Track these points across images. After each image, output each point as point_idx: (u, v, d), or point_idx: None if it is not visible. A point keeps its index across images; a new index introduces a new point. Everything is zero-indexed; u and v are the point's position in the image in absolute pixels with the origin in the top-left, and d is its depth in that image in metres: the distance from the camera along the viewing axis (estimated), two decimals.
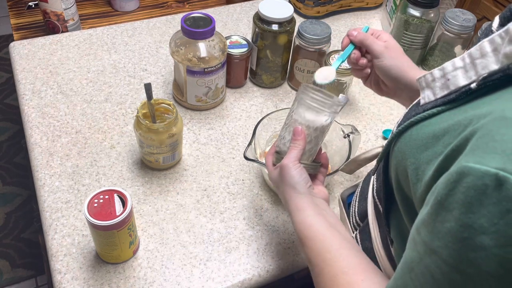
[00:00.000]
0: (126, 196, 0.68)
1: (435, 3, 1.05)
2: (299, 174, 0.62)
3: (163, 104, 0.83)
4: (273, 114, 0.86)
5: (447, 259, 0.35)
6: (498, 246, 0.32)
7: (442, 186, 0.36)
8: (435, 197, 0.37)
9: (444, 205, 0.36)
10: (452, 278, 0.35)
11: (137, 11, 1.36)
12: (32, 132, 0.91)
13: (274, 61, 1.01)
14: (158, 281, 0.72)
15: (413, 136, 0.47)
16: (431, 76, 0.49)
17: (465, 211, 0.33)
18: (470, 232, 0.33)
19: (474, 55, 0.44)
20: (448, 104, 0.45)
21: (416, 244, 0.39)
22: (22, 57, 1.07)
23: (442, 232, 0.35)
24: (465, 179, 0.34)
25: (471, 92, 0.42)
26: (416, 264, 0.39)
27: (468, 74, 0.44)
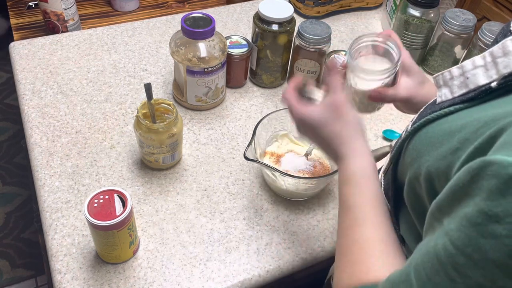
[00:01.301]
0: (126, 196, 0.68)
1: (435, 3, 1.05)
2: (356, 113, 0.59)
3: (163, 104, 0.83)
4: (273, 114, 0.86)
5: (456, 242, 0.35)
6: (509, 237, 0.32)
7: (465, 173, 0.36)
8: (457, 184, 0.37)
9: (465, 191, 0.35)
10: (456, 260, 0.35)
11: (137, 11, 1.36)
12: (32, 132, 0.91)
13: (274, 61, 1.01)
14: (158, 281, 0.72)
15: (428, 134, 0.46)
16: (449, 74, 0.48)
17: (484, 198, 0.33)
18: (484, 218, 0.33)
19: (496, 54, 0.43)
20: (467, 102, 0.44)
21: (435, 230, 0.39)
22: (22, 57, 1.07)
23: (459, 216, 0.35)
24: (489, 167, 0.34)
25: (491, 91, 0.42)
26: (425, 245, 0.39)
27: (489, 73, 0.43)
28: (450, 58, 1.10)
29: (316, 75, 1.03)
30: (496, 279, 0.33)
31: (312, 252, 0.78)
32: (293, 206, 0.84)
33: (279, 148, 0.90)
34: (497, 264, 0.32)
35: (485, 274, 0.33)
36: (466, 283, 0.34)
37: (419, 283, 0.38)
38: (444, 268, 0.36)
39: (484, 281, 0.33)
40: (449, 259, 0.35)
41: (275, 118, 0.87)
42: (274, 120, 0.87)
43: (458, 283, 0.35)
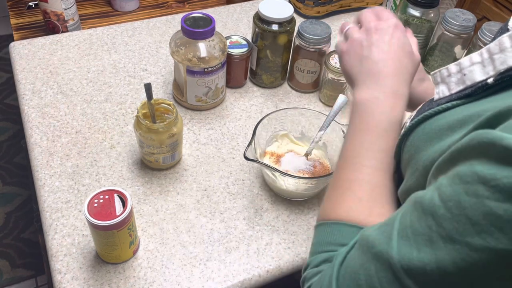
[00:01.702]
0: (126, 196, 0.68)
1: (435, 3, 1.05)
2: None
3: (163, 104, 0.83)
4: (273, 114, 0.86)
5: (442, 195, 0.37)
6: (490, 199, 0.33)
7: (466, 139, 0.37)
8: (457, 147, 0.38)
9: (463, 153, 0.37)
10: (436, 210, 0.37)
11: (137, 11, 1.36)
12: (32, 132, 0.91)
13: (274, 61, 1.01)
14: (158, 281, 0.72)
15: (426, 129, 0.47)
16: (447, 72, 0.48)
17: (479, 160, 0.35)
18: (473, 178, 0.35)
19: (493, 50, 0.43)
20: (464, 98, 0.45)
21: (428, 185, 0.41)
22: (22, 57, 1.07)
23: (453, 174, 0.37)
24: (486, 135, 0.35)
25: (487, 87, 0.42)
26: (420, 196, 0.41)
27: (486, 69, 0.44)
28: (450, 58, 1.10)
29: (316, 75, 1.03)
30: (466, 235, 0.35)
31: None
32: (293, 206, 0.84)
33: (279, 148, 0.90)
34: (472, 222, 0.34)
35: (457, 228, 0.35)
36: (439, 233, 0.36)
37: (401, 227, 0.40)
38: (425, 216, 0.38)
39: (455, 234, 0.35)
40: (431, 208, 0.38)
41: (275, 118, 0.87)
42: (274, 120, 0.87)
43: (433, 232, 0.37)
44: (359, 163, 0.53)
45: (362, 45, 0.57)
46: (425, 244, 0.37)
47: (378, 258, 0.41)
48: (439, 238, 0.36)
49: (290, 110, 0.88)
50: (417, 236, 0.38)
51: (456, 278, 0.36)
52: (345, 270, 0.44)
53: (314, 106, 1.03)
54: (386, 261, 0.40)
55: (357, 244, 0.45)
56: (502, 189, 0.33)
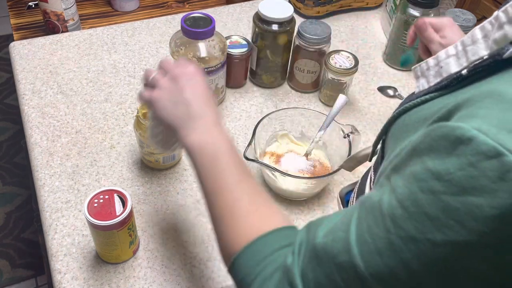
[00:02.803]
0: (126, 196, 0.68)
1: (435, 3, 1.05)
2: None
3: None
4: (273, 114, 0.86)
5: (399, 196, 0.37)
6: (446, 193, 0.34)
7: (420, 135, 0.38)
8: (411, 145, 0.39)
9: (416, 150, 0.38)
10: (394, 212, 0.37)
11: (137, 11, 1.36)
12: (32, 132, 0.91)
13: (274, 61, 1.01)
14: (158, 281, 0.72)
15: (405, 121, 0.48)
16: (426, 65, 0.50)
17: (432, 156, 0.35)
18: (427, 175, 0.35)
19: (466, 42, 0.45)
20: (440, 90, 0.46)
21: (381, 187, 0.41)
22: (22, 57, 1.07)
23: (407, 174, 0.38)
24: (439, 129, 0.36)
25: (462, 78, 0.43)
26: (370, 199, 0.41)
27: (460, 61, 0.45)
28: None
29: (316, 75, 1.03)
30: (426, 232, 0.35)
31: None
32: (293, 206, 0.84)
33: (279, 148, 0.90)
34: (430, 218, 0.35)
35: (416, 226, 0.35)
36: (399, 234, 0.36)
37: (358, 233, 0.39)
38: (383, 219, 0.38)
39: (415, 233, 0.35)
40: (389, 211, 0.38)
41: (275, 118, 0.87)
42: (274, 120, 0.87)
43: (392, 234, 0.37)
44: (224, 189, 0.53)
45: (172, 90, 0.59)
46: (386, 247, 0.37)
47: (343, 268, 0.40)
48: (399, 240, 0.36)
49: (290, 110, 0.88)
50: (377, 240, 0.38)
51: (423, 275, 0.36)
52: (308, 283, 0.42)
53: (314, 106, 1.03)
54: (353, 270, 0.39)
55: (310, 255, 0.43)
56: (457, 181, 0.33)
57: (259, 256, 0.48)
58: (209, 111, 0.58)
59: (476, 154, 0.33)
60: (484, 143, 0.32)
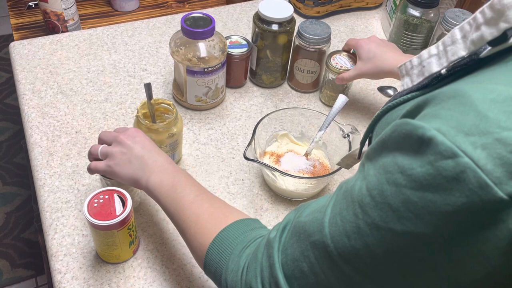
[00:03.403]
0: (126, 196, 0.68)
1: (435, 3, 1.05)
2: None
3: (163, 104, 0.83)
4: (273, 114, 0.86)
5: (368, 185, 0.40)
6: (407, 187, 0.36)
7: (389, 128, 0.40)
8: (381, 136, 0.41)
9: (386, 143, 0.40)
10: (363, 199, 0.39)
11: (137, 11, 1.36)
12: (32, 132, 0.91)
13: (274, 61, 1.01)
14: (158, 281, 0.72)
15: (387, 119, 0.49)
16: (410, 64, 0.50)
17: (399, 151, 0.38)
18: (394, 168, 0.37)
19: (446, 42, 0.46)
20: (422, 89, 0.47)
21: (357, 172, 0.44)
22: (22, 57, 1.07)
23: (378, 164, 0.40)
24: (405, 126, 0.38)
25: (441, 78, 0.44)
26: (346, 184, 0.44)
27: (441, 61, 0.46)
28: None
29: (316, 75, 1.03)
30: (389, 221, 0.37)
31: None
32: (293, 206, 0.84)
33: (279, 148, 0.90)
34: (393, 209, 0.37)
35: (381, 215, 0.38)
36: (365, 220, 0.39)
37: (331, 215, 0.43)
38: (353, 204, 0.40)
39: (379, 221, 0.38)
40: (359, 198, 0.40)
41: (275, 118, 0.87)
42: (274, 120, 0.87)
43: (360, 220, 0.39)
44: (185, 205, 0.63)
45: (123, 152, 0.68)
46: (353, 231, 0.40)
47: (316, 246, 0.43)
48: (365, 225, 0.39)
49: (290, 110, 0.88)
50: (346, 223, 0.41)
51: (385, 260, 0.38)
52: (286, 257, 0.47)
53: (314, 106, 1.03)
54: (324, 249, 0.42)
55: (292, 231, 0.48)
56: (416, 177, 0.35)
57: (225, 244, 0.56)
58: (160, 156, 0.68)
59: (434, 154, 0.34)
60: (442, 144, 0.34)
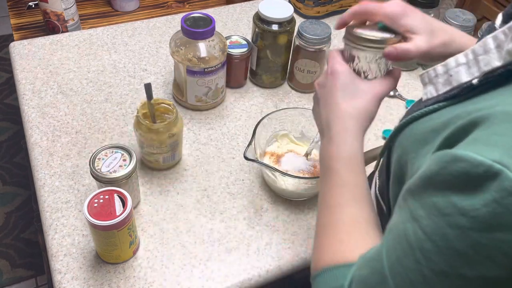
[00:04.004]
0: (126, 196, 0.67)
1: (435, 3, 1.05)
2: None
3: (163, 104, 0.83)
4: (273, 114, 0.86)
5: (425, 228, 0.37)
6: (473, 230, 0.34)
7: (434, 162, 0.38)
8: (425, 171, 0.38)
9: (434, 180, 0.37)
10: (423, 245, 0.37)
11: (137, 11, 1.36)
12: (32, 132, 0.91)
13: (274, 61, 1.01)
14: (158, 281, 0.72)
15: (413, 130, 0.47)
16: (434, 72, 0.49)
17: (454, 191, 0.35)
18: (452, 210, 0.35)
19: (478, 52, 0.44)
20: (450, 99, 0.45)
21: (401, 210, 0.41)
22: (22, 57, 1.07)
23: (428, 205, 0.37)
24: (459, 163, 0.35)
25: (472, 88, 0.43)
26: (396, 226, 0.41)
27: (471, 70, 0.44)
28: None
29: (316, 75, 1.03)
30: (457, 267, 0.35)
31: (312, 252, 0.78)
32: (293, 206, 0.84)
33: (279, 148, 0.90)
34: (460, 253, 0.35)
35: (447, 260, 0.35)
36: (430, 267, 0.36)
37: (389, 264, 0.40)
38: (412, 251, 0.38)
39: (446, 267, 0.35)
40: (417, 243, 0.37)
41: (275, 118, 0.87)
42: (274, 120, 0.87)
43: (423, 266, 0.37)
44: (331, 205, 0.54)
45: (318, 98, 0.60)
46: (419, 280, 0.37)
47: None
48: (431, 273, 0.36)
49: (290, 110, 0.88)
50: (409, 272, 0.38)
51: None
52: None
53: None
54: None
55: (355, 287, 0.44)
56: (483, 218, 0.33)
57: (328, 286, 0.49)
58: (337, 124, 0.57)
59: (500, 191, 0.32)
60: (508, 179, 0.32)
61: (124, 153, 0.75)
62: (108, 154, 0.75)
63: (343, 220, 0.52)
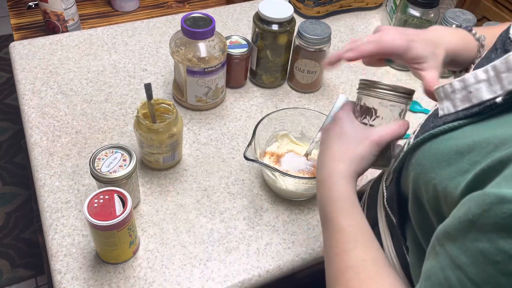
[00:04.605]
0: (126, 196, 0.67)
1: (435, 3, 1.05)
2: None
3: (163, 104, 0.83)
4: (273, 114, 0.86)
5: (474, 278, 0.35)
6: None
7: (476, 204, 0.35)
8: (466, 214, 0.36)
9: (477, 224, 0.35)
10: None
11: (137, 11, 1.36)
12: (32, 132, 0.91)
13: (274, 61, 1.01)
14: (158, 281, 0.72)
15: (432, 149, 0.46)
16: (450, 87, 0.47)
17: (503, 236, 0.33)
18: (504, 256, 0.33)
19: (500, 69, 0.42)
20: (471, 117, 0.44)
21: (438, 255, 0.39)
22: (22, 57, 1.07)
23: (472, 251, 0.35)
24: (505, 205, 0.33)
25: (496, 106, 0.41)
26: (434, 273, 0.38)
27: (493, 88, 0.43)
28: None
29: (316, 75, 1.03)
30: None
31: (312, 252, 0.78)
32: (293, 206, 0.84)
33: (279, 148, 0.90)
34: None
35: None
36: None
37: None
38: None
39: None
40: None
41: (275, 118, 0.87)
42: (274, 120, 0.87)
43: None
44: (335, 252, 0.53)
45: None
46: None
47: None
48: None
49: (290, 110, 0.88)
50: None
51: None
52: None
53: (314, 106, 1.03)
54: None
55: None
56: None
57: None
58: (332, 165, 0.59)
59: None
60: None
61: (124, 153, 0.75)
62: (108, 154, 0.75)
63: (352, 266, 0.50)
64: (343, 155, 0.58)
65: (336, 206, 0.55)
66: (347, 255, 0.51)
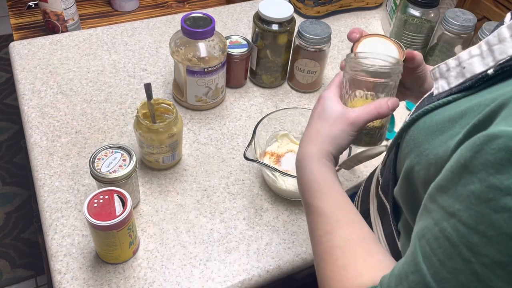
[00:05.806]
0: (126, 196, 0.67)
1: (435, 3, 1.05)
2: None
3: (163, 104, 0.83)
4: (273, 114, 0.86)
5: (467, 221, 0.34)
6: None
7: (467, 149, 0.35)
8: (458, 161, 0.36)
9: (468, 167, 0.34)
10: (469, 240, 0.34)
11: (137, 11, 1.36)
12: (32, 132, 0.91)
13: (274, 61, 1.01)
14: (158, 281, 0.72)
15: (426, 123, 0.46)
16: (445, 66, 0.48)
17: (493, 172, 0.33)
18: (495, 193, 0.32)
19: (492, 42, 0.43)
20: (464, 91, 0.44)
21: (430, 212, 0.38)
22: (22, 57, 1.06)
23: (464, 195, 0.34)
24: (495, 141, 0.33)
25: (488, 78, 0.42)
26: (429, 231, 0.38)
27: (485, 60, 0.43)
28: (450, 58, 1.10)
29: (316, 75, 1.03)
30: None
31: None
32: (293, 206, 0.84)
33: (279, 148, 0.90)
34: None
35: (501, 249, 0.32)
36: (482, 262, 0.33)
37: (431, 271, 0.36)
38: (457, 250, 0.34)
39: (501, 257, 0.32)
40: (461, 239, 0.34)
41: (275, 118, 0.87)
42: (274, 120, 0.87)
43: (474, 263, 0.33)
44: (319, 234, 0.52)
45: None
46: (471, 279, 0.34)
47: None
48: (483, 268, 0.33)
49: (290, 110, 0.88)
50: (458, 274, 0.34)
51: None
52: None
53: None
54: None
55: None
56: None
57: None
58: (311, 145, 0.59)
59: None
60: None
61: (124, 153, 0.75)
62: (108, 154, 0.75)
63: (338, 246, 0.49)
64: (315, 136, 0.58)
65: (311, 190, 0.55)
66: (331, 235, 0.50)
